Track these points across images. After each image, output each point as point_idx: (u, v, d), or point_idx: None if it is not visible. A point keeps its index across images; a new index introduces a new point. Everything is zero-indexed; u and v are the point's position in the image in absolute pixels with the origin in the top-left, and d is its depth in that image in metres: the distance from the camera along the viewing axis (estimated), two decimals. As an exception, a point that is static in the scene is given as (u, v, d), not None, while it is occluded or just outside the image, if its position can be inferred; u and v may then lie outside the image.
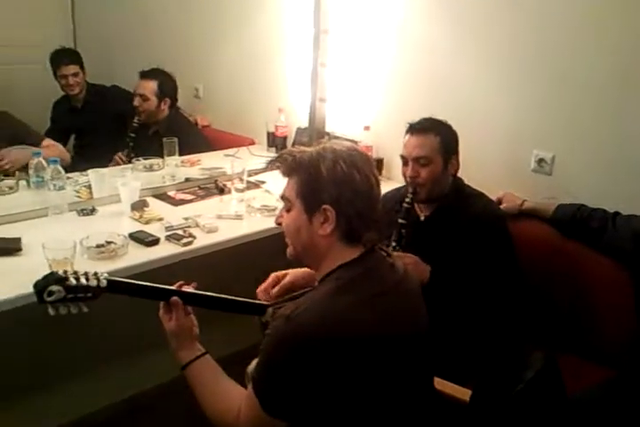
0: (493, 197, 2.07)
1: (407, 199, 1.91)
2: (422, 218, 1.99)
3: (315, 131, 2.86)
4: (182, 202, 2.31)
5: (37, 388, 2.01)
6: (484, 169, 2.26)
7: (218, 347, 1.42)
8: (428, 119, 1.96)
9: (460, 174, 2.01)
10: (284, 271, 1.54)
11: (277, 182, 2.43)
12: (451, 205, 1.95)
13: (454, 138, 1.96)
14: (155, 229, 1.96)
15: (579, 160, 2.11)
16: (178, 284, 1.38)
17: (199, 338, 1.35)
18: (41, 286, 1.17)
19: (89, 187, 2.25)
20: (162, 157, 2.54)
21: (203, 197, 2.37)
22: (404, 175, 1.95)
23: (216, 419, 1.23)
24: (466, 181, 2.03)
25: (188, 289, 1.37)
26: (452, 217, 1.92)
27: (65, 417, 2.09)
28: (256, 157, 2.89)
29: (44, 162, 2.12)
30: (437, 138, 1.90)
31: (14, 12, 3.74)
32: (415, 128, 1.93)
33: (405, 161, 1.94)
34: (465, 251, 1.85)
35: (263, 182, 2.56)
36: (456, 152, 1.96)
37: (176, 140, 2.51)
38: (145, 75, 2.94)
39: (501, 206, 2.08)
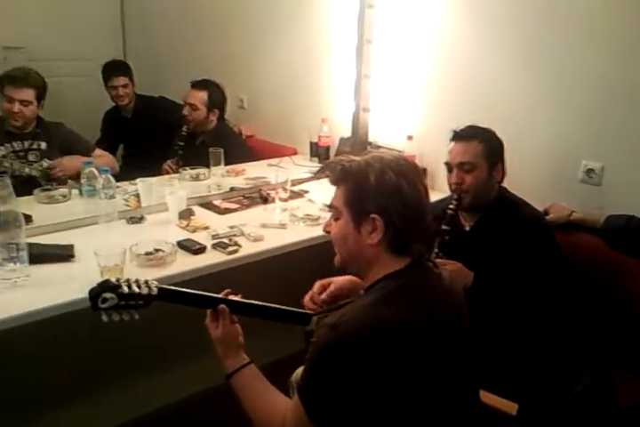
0: (540, 207, 2.03)
1: (451, 206, 1.90)
2: (467, 228, 1.97)
3: (357, 141, 2.87)
4: (227, 211, 2.34)
5: (76, 395, 2.04)
6: (531, 179, 2.23)
7: (259, 355, 1.42)
8: (472, 126, 1.95)
9: (505, 184, 1.99)
10: (328, 280, 1.55)
11: (320, 192, 2.49)
12: (496, 215, 1.93)
13: (499, 145, 1.95)
14: (201, 238, 2.00)
15: (629, 170, 2.06)
16: (225, 292, 1.40)
17: (244, 347, 1.37)
18: (95, 293, 1.21)
19: (137, 196, 2.30)
20: (208, 166, 2.59)
21: (247, 206, 2.40)
22: (449, 183, 1.94)
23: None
24: (511, 191, 2.01)
25: (235, 298, 1.39)
26: (498, 227, 1.90)
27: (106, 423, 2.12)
28: (299, 166, 2.92)
29: (95, 171, 2.18)
30: (482, 144, 1.89)
31: (67, 27, 3.91)
32: (459, 135, 1.94)
33: (450, 168, 1.93)
34: (511, 261, 1.82)
35: (306, 192, 2.58)
36: (501, 160, 1.95)
37: (222, 150, 2.55)
38: (196, 85, 3.00)
39: (549, 217, 2.05)
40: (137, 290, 1.23)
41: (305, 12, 3.03)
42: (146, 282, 1.27)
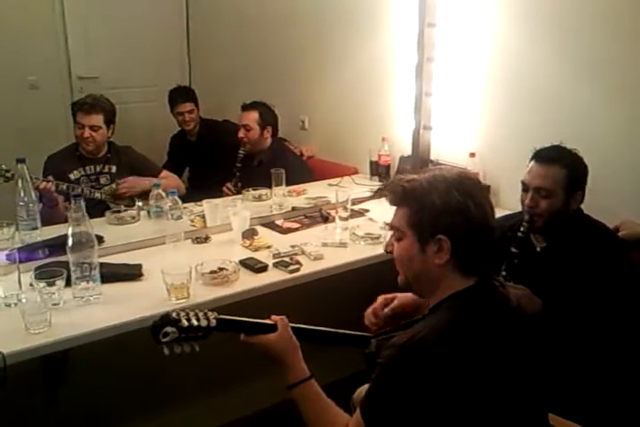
0: (612, 223, 1.94)
1: (522, 229, 1.81)
2: (538, 249, 1.88)
3: (418, 159, 2.84)
4: (289, 230, 2.37)
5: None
6: (601, 195, 2.14)
7: (320, 374, 1.39)
8: (557, 147, 1.82)
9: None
10: (392, 295, 1.53)
11: (381, 211, 2.49)
12: (569, 237, 1.81)
13: (583, 172, 1.80)
14: (263, 257, 2.03)
15: None
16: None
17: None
18: (157, 328, 1.23)
19: (203, 216, 2.37)
20: (267, 186, 2.63)
21: (308, 226, 2.42)
22: (522, 202, 1.85)
23: None
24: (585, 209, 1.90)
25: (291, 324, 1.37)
26: (570, 248, 1.79)
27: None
28: (359, 185, 2.92)
29: (163, 193, 2.25)
30: (564, 171, 1.75)
31: (137, 57, 4.11)
32: (541, 156, 1.80)
33: (526, 188, 1.82)
34: (583, 284, 1.72)
35: (367, 211, 2.58)
36: (582, 187, 1.80)
37: (283, 171, 2.59)
38: (246, 107, 3.10)
39: (620, 234, 1.95)
40: (196, 323, 1.24)
41: (365, 32, 3.06)
42: (205, 314, 1.27)
